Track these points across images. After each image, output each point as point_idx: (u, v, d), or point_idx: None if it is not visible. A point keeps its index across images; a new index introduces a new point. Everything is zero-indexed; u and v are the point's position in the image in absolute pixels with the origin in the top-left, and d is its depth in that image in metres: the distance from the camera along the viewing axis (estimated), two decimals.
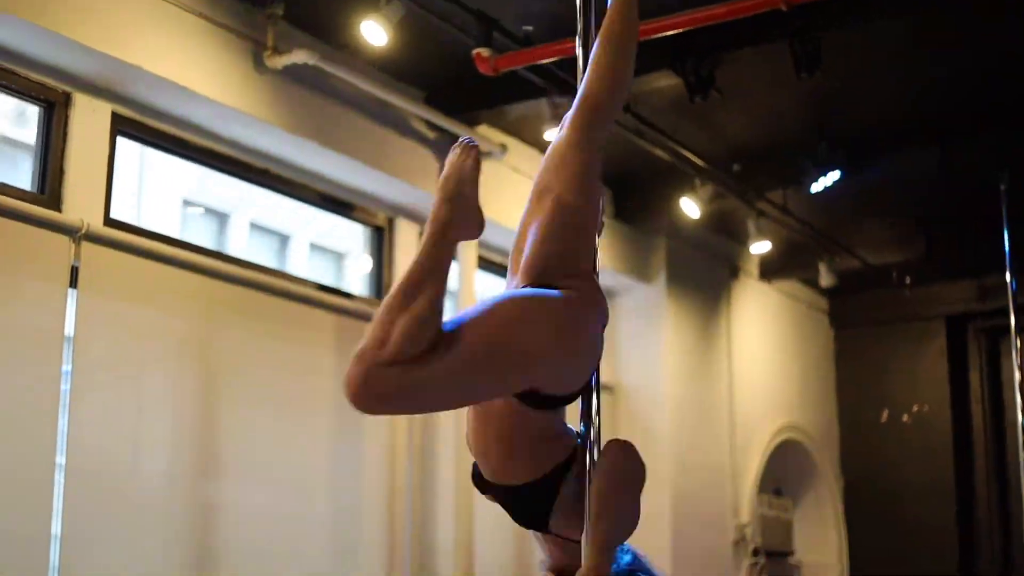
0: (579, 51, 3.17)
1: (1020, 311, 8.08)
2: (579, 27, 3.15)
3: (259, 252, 7.17)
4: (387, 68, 6.85)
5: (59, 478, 5.38)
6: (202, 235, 7.09)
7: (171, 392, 6.02)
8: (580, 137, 2.97)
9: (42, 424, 5.34)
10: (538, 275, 2.83)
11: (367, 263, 7.49)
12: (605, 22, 3.04)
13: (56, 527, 5.33)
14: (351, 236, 7.54)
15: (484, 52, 5.86)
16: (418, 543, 7.20)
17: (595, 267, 2.92)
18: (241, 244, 7.36)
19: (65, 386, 5.47)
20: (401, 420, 7.18)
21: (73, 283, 5.58)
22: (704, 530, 8.98)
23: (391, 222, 7.47)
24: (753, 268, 10.17)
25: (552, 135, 6.55)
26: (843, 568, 10.69)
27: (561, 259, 2.87)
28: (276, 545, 6.39)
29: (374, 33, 5.95)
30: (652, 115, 7.35)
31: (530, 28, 6.26)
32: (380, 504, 7.01)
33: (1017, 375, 7.99)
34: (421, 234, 7.45)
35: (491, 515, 7.25)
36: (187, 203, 7.42)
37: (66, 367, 5.50)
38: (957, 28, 6.83)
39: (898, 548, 10.68)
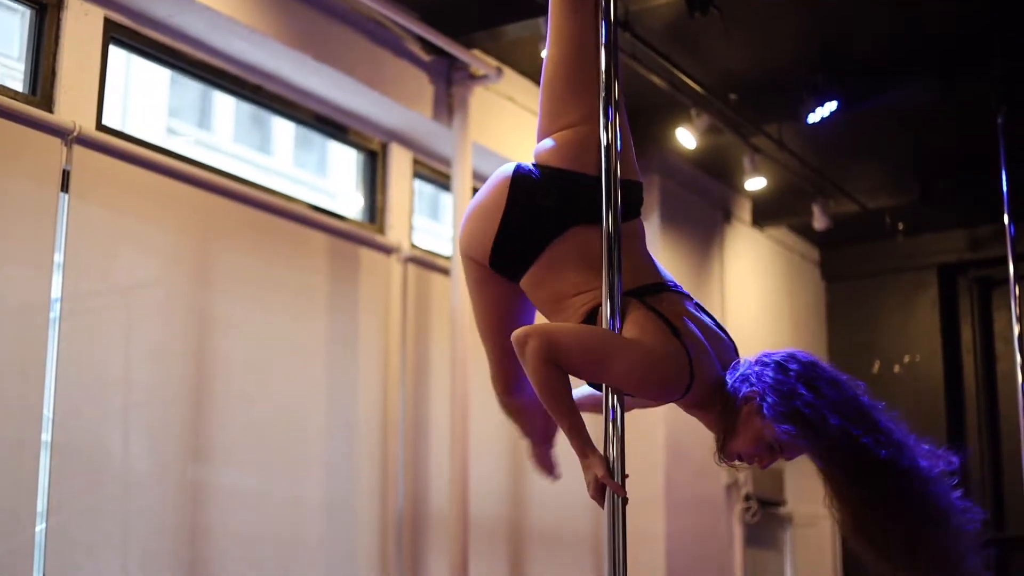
0: None
1: (1018, 259, 8.02)
2: None
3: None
4: None
5: (49, 388, 5.28)
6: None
7: (162, 305, 5.91)
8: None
9: (32, 329, 5.24)
10: (545, 130, 3.19)
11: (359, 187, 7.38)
12: None
13: (47, 409, 5.25)
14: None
15: None
16: (411, 470, 7.10)
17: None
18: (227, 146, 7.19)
19: (56, 292, 5.37)
20: (394, 350, 7.09)
21: (65, 187, 5.48)
22: (696, 476, 8.89)
23: (385, 147, 7.36)
24: (746, 214, 10.08)
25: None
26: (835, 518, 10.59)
27: (556, 106, 3.17)
28: (269, 466, 6.29)
29: None
30: (648, 39, 7.25)
31: None
32: (374, 432, 6.91)
33: (1016, 327, 7.93)
34: (415, 161, 7.40)
35: (485, 444, 7.20)
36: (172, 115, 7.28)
37: (56, 275, 5.40)
38: None
39: None
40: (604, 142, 3.03)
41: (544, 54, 3.32)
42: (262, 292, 6.39)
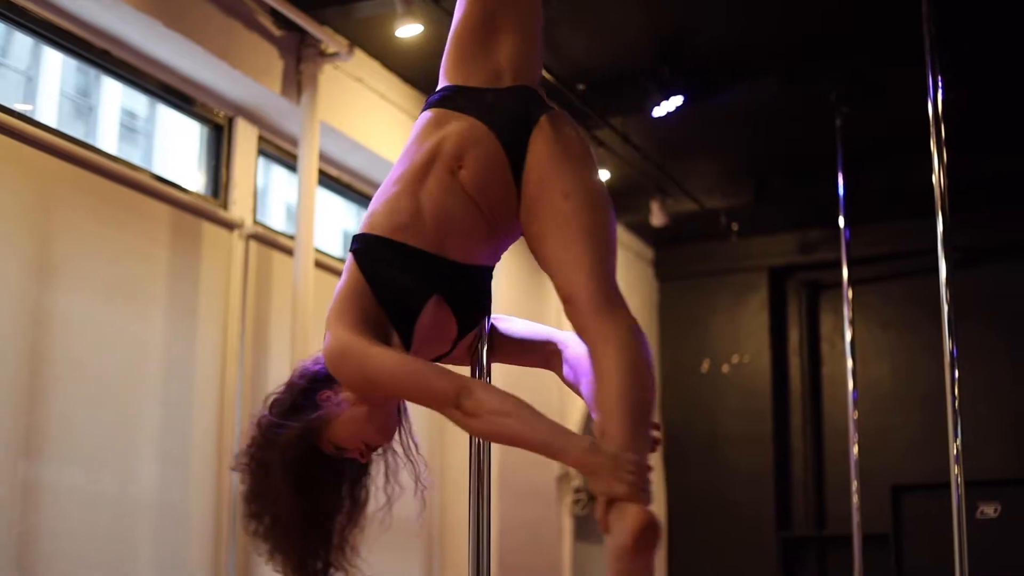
0: None
1: (843, 260, 8.20)
2: None
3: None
4: None
5: None
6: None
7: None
8: None
9: None
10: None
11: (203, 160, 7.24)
12: None
13: None
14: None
15: None
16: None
17: None
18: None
19: None
20: (233, 328, 6.97)
21: None
22: (529, 466, 8.91)
23: (231, 121, 7.24)
24: None
25: (406, 31, 6.44)
26: (662, 511, 10.75)
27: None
28: (102, 434, 6.13)
29: None
30: None
31: None
32: (210, 412, 6.78)
33: (848, 332, 8.11)
34: (261, 137, 7.30)
35: None
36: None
37: None
38: None
39: (718, 494, 10.80)
40: None
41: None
42: (100, 265, 6.21)
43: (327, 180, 7.99)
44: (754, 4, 7.45)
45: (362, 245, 2.95)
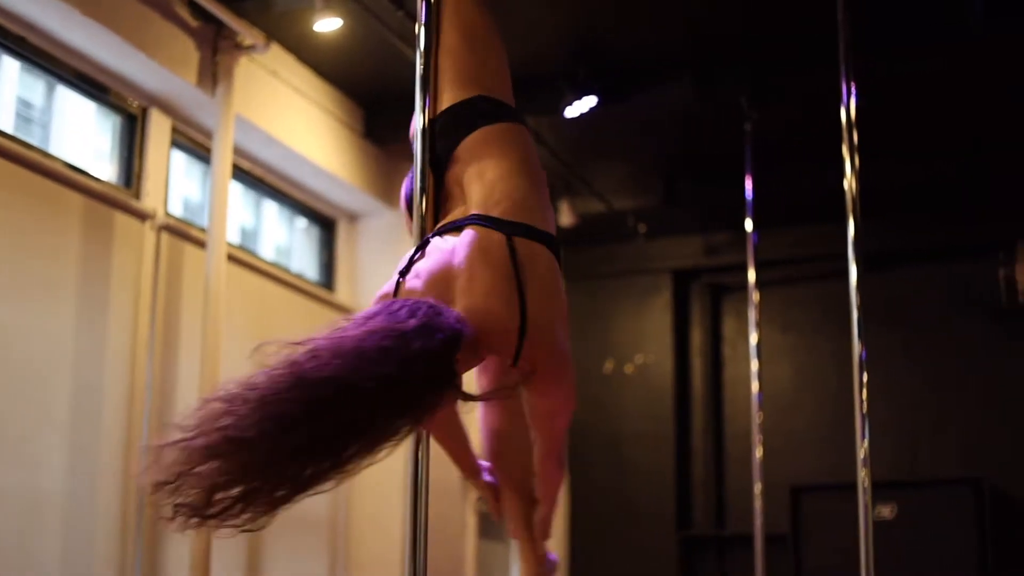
0: None
1: (749, 263, 8.33)
2: None
3: None
4: None
5: None
6: None
7: None
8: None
9: None
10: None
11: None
12: None
13: None
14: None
15: None
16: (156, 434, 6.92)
17: None
18: None
19: None
20: (144, 319, 6.92)
21: None
22: (434, 464, 8.89)
23: (145, 111, 7.18)
24: None
25: (324, 25, 6.45)
26: (560, 512, 10.81)
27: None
28: (9, 426, 6.06)
29: None
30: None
31: None
32: (120, 403, 6.73)
33: (754, 335, 8.24)
34: (175, 129, 7.25)
35: None
36: None
37: None
38: None
39: (619, 493, 10.89)
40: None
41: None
42: (7, 252, 6.14)
43: (240, 173, 7.94)
44: (669, 8, 7.53)
45: (552, 243, 2.97)
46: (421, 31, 3.21)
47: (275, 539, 7.86)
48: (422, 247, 2.93)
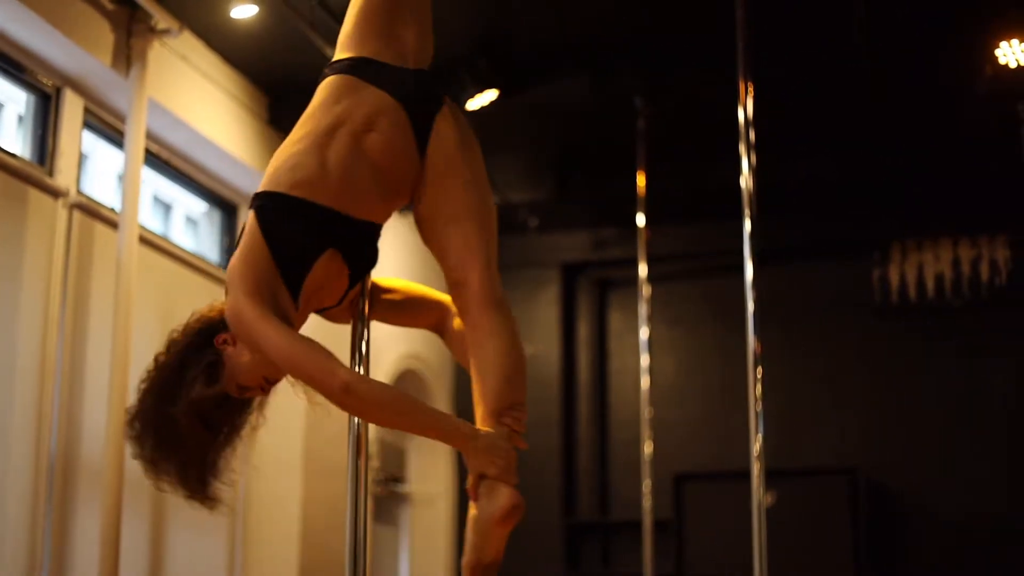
0: None
1: (640, 258, 8.65)
2: None
3: None
4: None
5: None
6: None
7: None
8: None
9: None
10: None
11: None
12: None
13: None
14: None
15: None
16: (65, 418, 7.02)
17: None
18: None
19: None
20: (55, 294, 7.00)
21: None
22: (328, 445, 9.08)
23: (59, 91, 7.26)
24: None
25: (240, 12, 6.62)
26: (451, 497, 11.03)
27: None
28: None
29: None
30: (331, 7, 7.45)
31: None
32: (31, 379, 6.80)
33: (645, 329, 8.54)
34: (87, 109, 7.34)
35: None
36: None
37: None
38: None
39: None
40: None
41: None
42: None
43: (149, 155, 8.04)
44: (570, 4, 7.79)
45: (264, 202, 3.16)
46: None
47: (176, 514, 7.97)
48: None
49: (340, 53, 3.44)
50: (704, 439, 10.78)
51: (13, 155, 6.89)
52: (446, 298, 3.51)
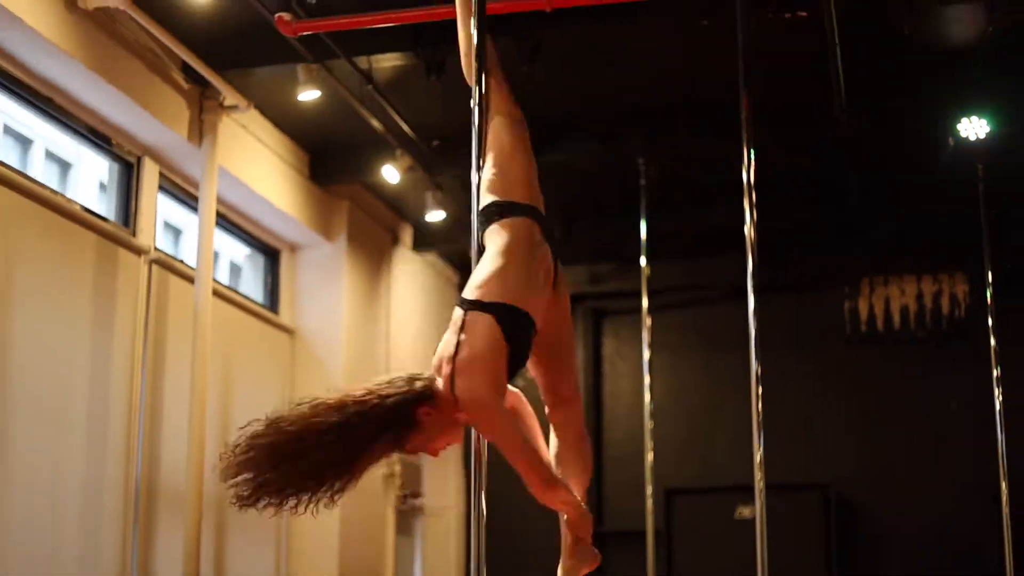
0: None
1: (643, 293, 9.72)
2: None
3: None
4: (168, 23, 7.65)
5: None
6: None
7: None
8: (502, 126, 4.52)
9: None
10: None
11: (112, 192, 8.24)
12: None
13: None
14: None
15: (286, 16, 6.76)
16: (148, 451, 8.03)
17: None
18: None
19: None
20: (139, 341, 8.00)
21: None
22: None
23: (139, 159, 8.25)
24: (409, 239, 11.43)
25: (306, 96, 7.62)
26: (460, 509, 12.08)
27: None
28: (43, 427, 7.12)
29: None
30: (382, 90, 8.48)
31: (314, 1, 7.30)
32: (121, 415, 7.78)
33: (646, 352, 9.60)
34: (162, 175, 8.36)
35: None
36: None
37: None
38: (628, 41, 8.33)
39: (509, 495, 12.12)
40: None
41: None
42: (42, 284, 7.20)
43: (224, 220, 9.14)
44: (577, 78, 8.87)
45: (503, 314, 3.89)
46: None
47: (233, 530, 8.99)
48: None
49: (514, 195, 4.27)
50: (688, 456, 11.86)
51: (104, 218, 7.89)
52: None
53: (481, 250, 4.10)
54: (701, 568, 11.06)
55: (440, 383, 3.80)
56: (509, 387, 4.07)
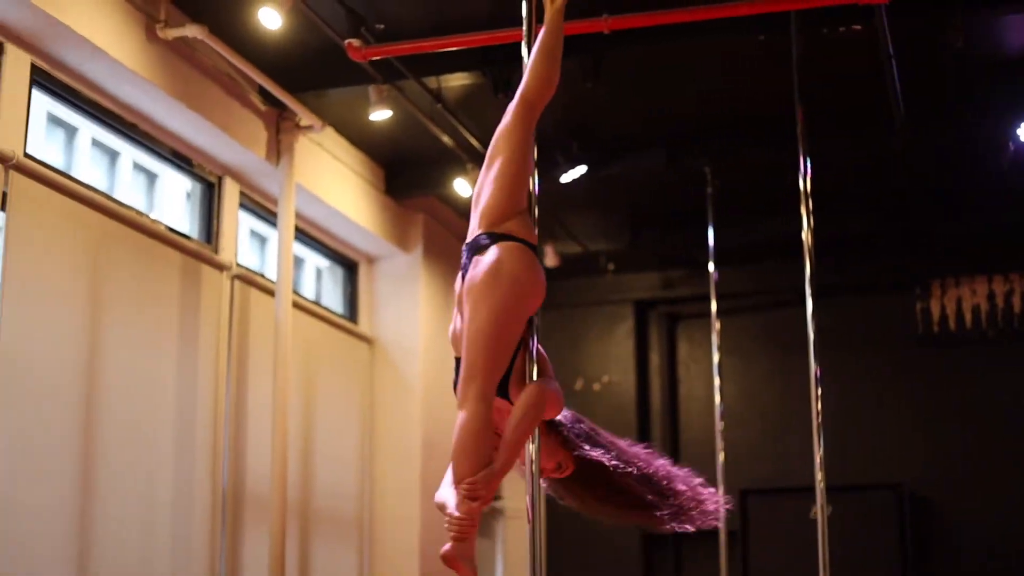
0: (524, 51, 4.55)
1: (712, 297, 9.93)
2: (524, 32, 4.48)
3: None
4: (243, 49, 7.99)
5: None
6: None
7: (62, 312, 7.02)
8: (518, 123, 4.24)
9: None
10: (495, 217, 4.13)
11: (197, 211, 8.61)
12: (542, 35, 4.28)
13: None
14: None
15: (355, 43, 7.06)
16: (233, 459, 8.39)
17: (529, 205, 4.25)
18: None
19: None
20: (223, 353, 8.36)
21: (3, 207, 6.58)
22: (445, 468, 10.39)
23: (220, 179, 8.62)
24: None
25: (377, 115, 7.90)
26: (539, 511, 12.32)
27: (509, 201, 4.17)
28: (135, 438, 7.49)
29: (269, 18, 7.22)
30: (449, 107, 8.78)
31: (382, 26, 7.62)
32: (207, 425, 8.14)
33: (716, 355, 9.82)
34: (242, 193, 8.71)
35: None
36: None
37: None
38: (688, 57, 8.59)
39: None
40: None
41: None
42: (130, 301, 7.57)
43: (302, 234, 9.51)
44: (645, 98, 9.14)
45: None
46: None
47: (316, 533, 9.33)
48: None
49: (518, 230, 4.17)
50: (763, 457, 12.06)
51: (188, 236, 8.25)
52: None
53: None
54: (777, 567, 11.24)
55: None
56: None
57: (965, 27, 7.50)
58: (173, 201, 8.43)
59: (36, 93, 7.08)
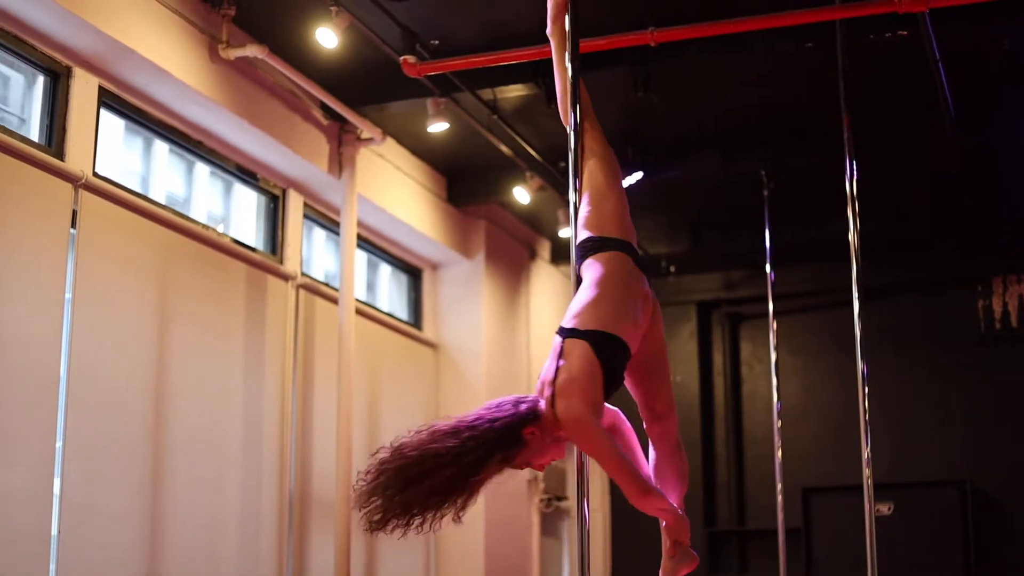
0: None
1: (769, 298, 10.04)
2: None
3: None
4: (303, 67, 8.24)
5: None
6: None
7: (132, 324, 7.30)
8: (596, 167, 4.72)
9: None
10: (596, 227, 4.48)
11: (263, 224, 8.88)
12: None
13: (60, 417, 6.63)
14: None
15: (410, 59, 7.28)
16: (300, 462, 8.65)
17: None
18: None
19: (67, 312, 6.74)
20: (288, 360, 8.61)
21: (73, 224, 6.87)
22: (510, 473, 10.59)
23: (284, 192, 8.88)
24: (546, 253, 11.94)
25: (435, 127, 8.09)
26: (606, 512, 12.54)
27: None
28: (204, 444, 7.76)
29: (326, 38, 7.48)
30: (506, 117, 8.99)
31: (436, 42, 7.84)
32: (274, 431, 8.40)
33: (773, 354, 9.93)
34: (306, 204, 8.96)
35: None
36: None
37: (67, 294, 6.77)
38: (737, 65, 8.72)
39: None
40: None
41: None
42: (198, 312, 7.84)
43: (365, 241, 9.77)
44: (701, 102, 9.29)
45: (595, 339, 4.22)
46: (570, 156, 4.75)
47: (382, 538, 9.54)
48: None
49: (608, 231, 4.49)
50: (826, 456, 12.16)
51: (254, 248, 8.51)
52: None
53: (578, 282, 4.38)
54: (840, 564, 11.34)
55: (543, 405, 4.12)
56: (607, 406, 4.38)
57: (1010, 29, 7.61)
58: (240, 214, 8.70)
59: (105, 114, 7.36)
